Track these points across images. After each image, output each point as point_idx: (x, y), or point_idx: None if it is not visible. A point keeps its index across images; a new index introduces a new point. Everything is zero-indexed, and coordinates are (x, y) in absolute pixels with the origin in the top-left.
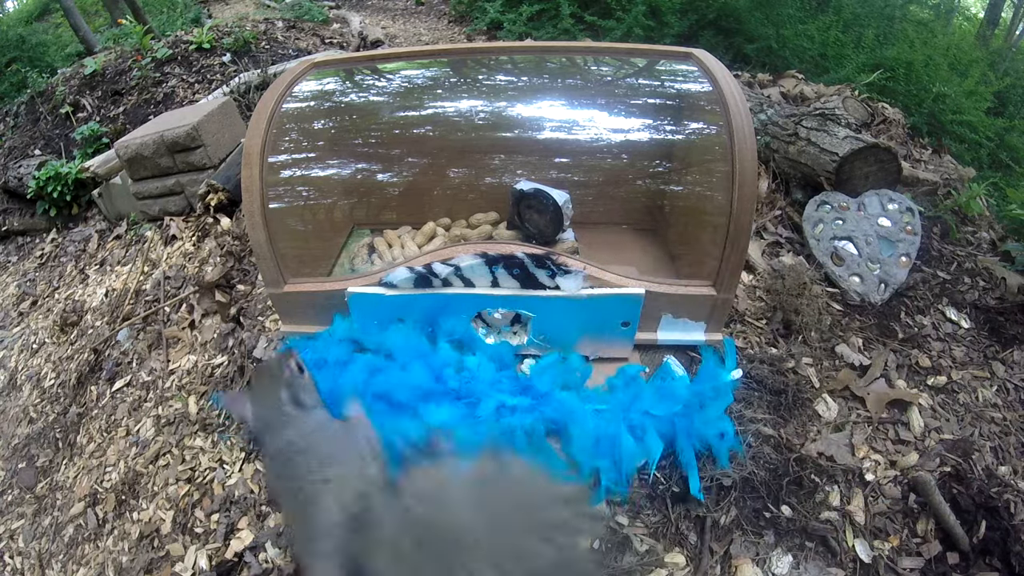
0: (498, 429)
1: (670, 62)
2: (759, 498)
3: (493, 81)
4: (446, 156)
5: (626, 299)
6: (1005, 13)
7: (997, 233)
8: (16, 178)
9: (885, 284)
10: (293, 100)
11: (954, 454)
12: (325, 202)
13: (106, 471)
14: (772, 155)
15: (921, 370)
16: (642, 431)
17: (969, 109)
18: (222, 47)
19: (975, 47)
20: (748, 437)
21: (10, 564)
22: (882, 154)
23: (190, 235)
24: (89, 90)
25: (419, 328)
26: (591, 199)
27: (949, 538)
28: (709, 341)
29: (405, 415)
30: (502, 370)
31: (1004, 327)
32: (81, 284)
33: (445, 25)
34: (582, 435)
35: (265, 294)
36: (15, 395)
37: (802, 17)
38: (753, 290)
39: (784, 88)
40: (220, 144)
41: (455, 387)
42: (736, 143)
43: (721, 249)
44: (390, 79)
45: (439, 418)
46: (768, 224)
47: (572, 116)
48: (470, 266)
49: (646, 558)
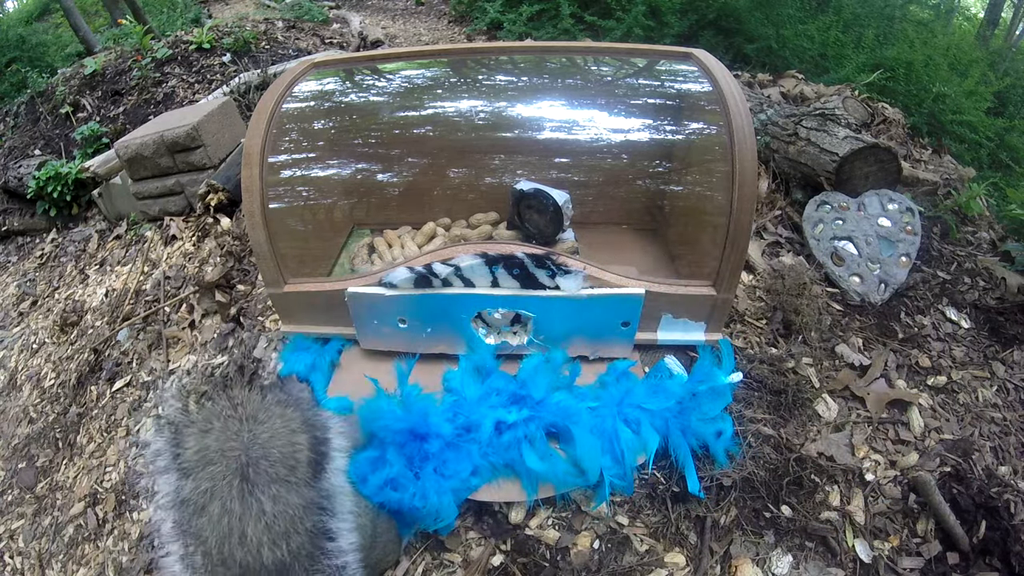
0: (502, 447)
1: (670, 62)
2: (759, 498)
3: (493, 81)
4: (446, 156)
5: (626, 299)
6: (1005, 13)
7: (997, 233)
8: (16, 178)
9: (885, 284)
10: (293, 100)
11: (954, 454)
12: (325, 202)
13: (106, 471)
14: (772, 155)
15: (921, 370)
16: (636, 424)
17: (969, 109)
18: (222, 47)
19: (975, 47)
20: (748, 437)
21: (10, 564)
22: (882, 154)
23: (190, 235)
24: (89, 90)
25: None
26: (591, 199)
27: (949, 538)
28: (709, 341)
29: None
30: (487, 378)
31: (1004, 327)
32: (81, 284)
33: (445, 25)
34: (584, 436)
35: (265, 294)
36: (15, 395)
37: (802, 17)
38: (753, 290)
39: (784, 88)
40: (220, 144)
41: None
42: (736, 143)
43: (721, 249)
44: (390, 79)
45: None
46: (768, 224)
47: (572, 116)
48: (470, 266)
49: (646, 558)
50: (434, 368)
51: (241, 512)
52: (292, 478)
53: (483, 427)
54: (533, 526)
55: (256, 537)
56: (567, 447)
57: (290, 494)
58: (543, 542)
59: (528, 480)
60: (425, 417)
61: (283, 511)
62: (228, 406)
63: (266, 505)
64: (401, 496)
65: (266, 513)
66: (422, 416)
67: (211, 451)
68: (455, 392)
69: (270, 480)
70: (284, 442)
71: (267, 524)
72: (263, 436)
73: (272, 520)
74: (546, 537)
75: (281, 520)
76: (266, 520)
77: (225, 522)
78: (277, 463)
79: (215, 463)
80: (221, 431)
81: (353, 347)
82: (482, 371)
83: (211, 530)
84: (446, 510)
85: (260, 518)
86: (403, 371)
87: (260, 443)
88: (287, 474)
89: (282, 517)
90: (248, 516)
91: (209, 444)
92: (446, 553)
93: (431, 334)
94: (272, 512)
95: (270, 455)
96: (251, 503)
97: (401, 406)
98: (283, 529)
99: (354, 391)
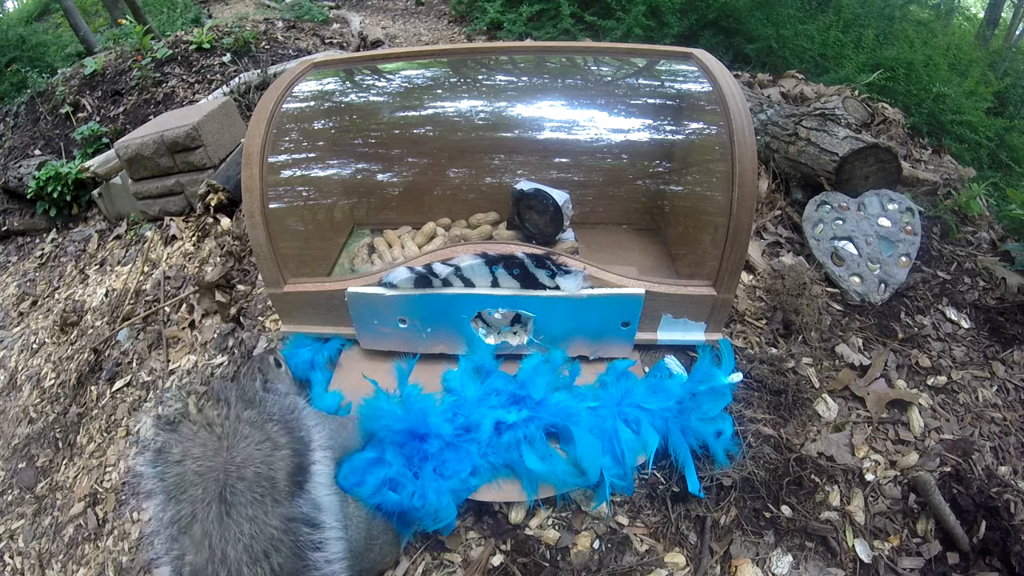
0: (502, 447)
1: (670, 62)
2: (759, 498)
3: (493, 81)
4: (446, 156)
5: (626, 299)
6: (1005, 13)
7: (997, 233)
8: (16, 178)
9: (885, 284)
10: (293, 100)
11: (954, 454)
12: (325, 202)
13: (106, 471)
14: (772, 155)
15: (921, 370)
16: (636, 424)
17: (969, 109)
18: (222, 47)
19: (975, 47)
20: (748, 437)
21: (10, 564)
22: (882, 154)
23: (190, 235)
24: (89, 90)
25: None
26: (591, 199)
27: (949, 538)
28: (709, 341)
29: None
30: (486, 379)
31: (1004, 327)
32: (81, 284)
33: (445, 25)
34: (584, 436)
35: (265, 294)
36: (15, 395)
37: (802, 17)
38: (753, 290)
39: (784, 88)
40: (220, 144)
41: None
42: (736, 143)
43: (721, 249)
44: (390, 79)
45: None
46: (768, 224)
47: (572, 116)
48: (470, 266)
49: (646, 558)
50: (434, 368)
51: (220, 534)
52: (270, 496)
53: (483, 427)
54: (533, 526)
55: (236, 557)
56: (567, 447)
57: (267, 515)
58: (543, 542)
59: (528, 480)
60: (425, 417)
61: (262, 531)
62: (204, 424)
63: (244, 527)
64: (400, 496)
65: (244, 535)
66: (422, 416)
67: (189, 474)
68: (455, 392)
69: (247, 502)
70: (261, 461)
71: (245, 546)
72: (238, 458)
73: (250, 542)
74: (546, 537)
75: (260, 540)
76: (244, 542)
77: (207, 544)
78: (254, 484)
79: (195, 485)
80: (200, 453)
81: (353, 347)
82: (482, 371)
83: (195, 551)
84: (445, 510)
85: (239, 540)
86: (403, 371)
87: (236, 464)
88: (265, 493)
89: (261, 537)
90: (228, 538)
91: (188, 467)
92: (446, 553)
93: (431, 334)
94: (251, 533)
95: (246, 476)
96: (229, 525)
97: (401, 406)
98: (263, 548)
99: (354, 391)
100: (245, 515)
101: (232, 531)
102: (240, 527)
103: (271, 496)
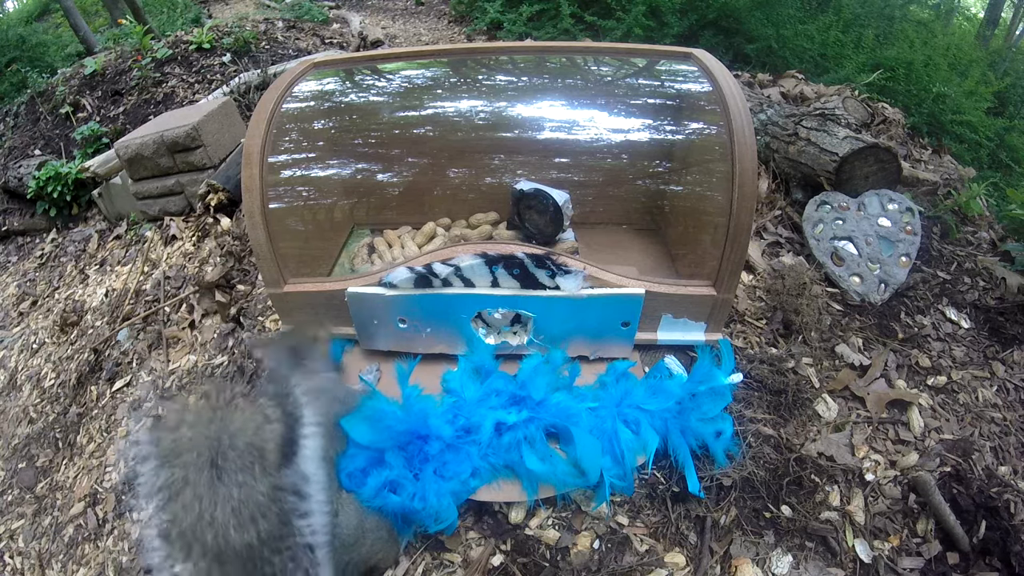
0: (502, 448)
1: (670, 62)
2: (759, 498)
3: (493, 81)
4: (446, 156)
5: (626, 299)
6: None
7: (997, 233)
8: (16, 178)
9: (885, 284)
10: (293, 100)
11: (954, 454)
12: (325, 202)
13: (106, 471)
14: (772, 155)
15: (921, 370)
16: (636, 425)
17: (969, 109)
18: (222, 47)
19: (975, 47)
20: (748, 437)
21: (10, 564)
22: (882, 154)
23: (190, 235)
24: (89, 90)
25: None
26: (591, 199)
27: (949, 538)
28: (709, 341)
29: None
30: (486, 379)
31: (1004, 327)
32: (81, 284)
33: (445, 25)
34: (583, 436)
35: (265, 294)
36: (15, 395)
37: (802, 17)
38: (753, 290)
39: (784, 88)
40: (220, 144)
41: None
42: (736, 143)
43: (721, 249)
44: (390, 79)
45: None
46: (768, 224)
47: (572, 116)
48: (470, 266)
49: (646, 558)
50: (434, 368)
51: (211, 497)
52: (259, 465)
53: (483, 428)
54: (533, 526)
55: (224, 520)
56: (567, 448)
57: (256, 482)
58: (543, 542)
59: (528, 481)
60: (425, 418)
61: (250, 496)
62: (201, 396)
63: (233, 491)
64: (401, 498)
65: (233, 499)
66: (422, 417)
67: (184, 440)
68: (455, 393)
69: (238, 468)
70: (252, 432)
71: (234, 509)
72: (232, 427)
73: (239, 506)
74: (546, 537)
75: (248, 505)
76: (232, 506)
77: (196, 506)
78: (245, 453)
79: (189, 451)
80: (195, 421)
81: (353, 347)
82: (482, 372)
83: (184, 514)
84: (446, 512)
85: (228, 503)
86: (403, 371)
87: (230, 433)
88: (255, 461)
89: (249, 503)
90: (217, 501)
91: (183, 434)
92: (446, 553)
93: (431, 334)
94: (239, 498)
95: (237, 445)
96: (219, 489)
97: (401, 407)
98: (250, 513)
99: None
100: (235, 480)
101: (222, 494)
102: (229, 491)
103: (260, 465)
